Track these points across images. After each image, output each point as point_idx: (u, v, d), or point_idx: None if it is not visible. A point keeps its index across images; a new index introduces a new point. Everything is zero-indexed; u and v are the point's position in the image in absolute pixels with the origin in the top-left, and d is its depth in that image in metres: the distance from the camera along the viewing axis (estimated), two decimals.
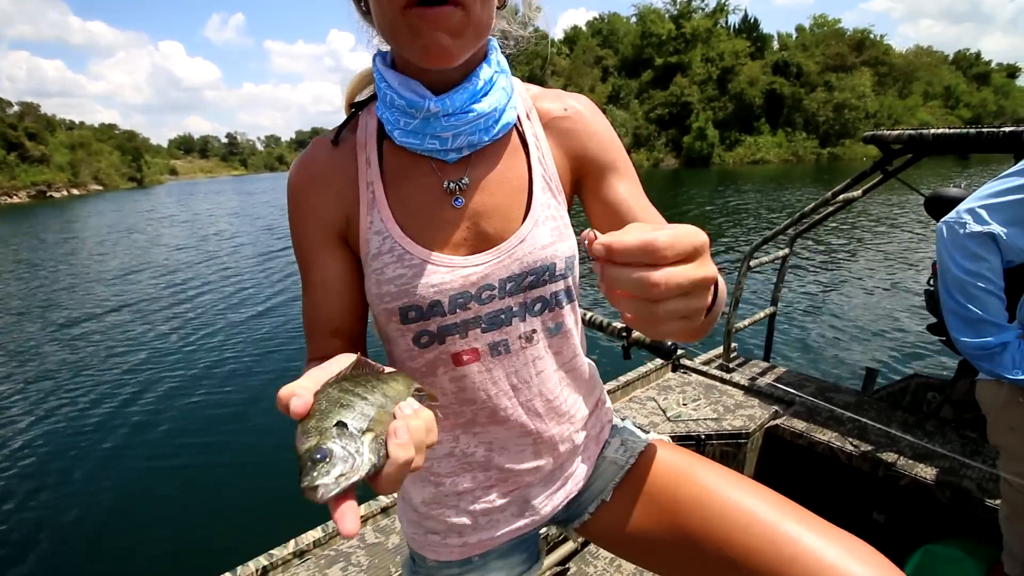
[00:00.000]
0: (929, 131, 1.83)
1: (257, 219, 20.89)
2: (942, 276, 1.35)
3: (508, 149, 0.67)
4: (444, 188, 0.64)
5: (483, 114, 0.61)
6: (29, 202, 45.15)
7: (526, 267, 0.64)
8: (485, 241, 0.64)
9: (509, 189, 0.66)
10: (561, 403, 0.72)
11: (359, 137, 0.67)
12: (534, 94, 0.71)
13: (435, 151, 0.63)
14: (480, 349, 0.65)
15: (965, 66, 51.22)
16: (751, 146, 43.40)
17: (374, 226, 0.63)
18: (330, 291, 0.66)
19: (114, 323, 7.42)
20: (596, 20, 56.36)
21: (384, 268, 0.63)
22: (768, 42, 50.36)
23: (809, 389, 2.17)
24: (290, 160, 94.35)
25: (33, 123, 51.91)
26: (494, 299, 0.64)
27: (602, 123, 0.71)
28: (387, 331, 0.67)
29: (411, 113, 0.60)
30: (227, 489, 3.69)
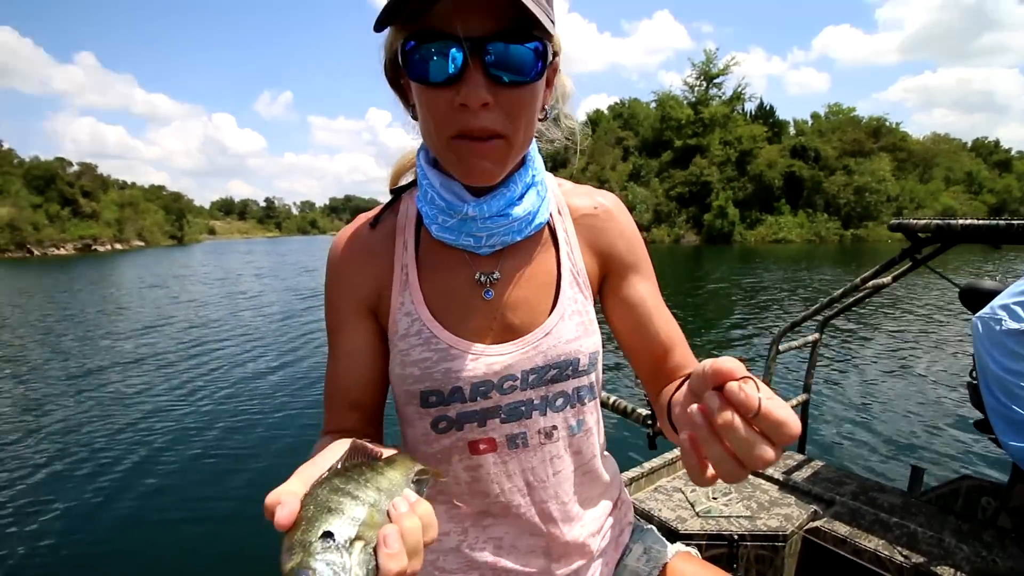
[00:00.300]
0: (958, 221, 1.81)
1: (283, 279, 21.44)
2: (982, 374, 1.29)
3: (540, 245, 0.68)
4: (476, 279, 0.65)
5: (518, 218, 0.63)
6: (75, 254, 47.45)
7: (550, 360, 0.64)
8: (511, 332, 0.65)
9: (538, 283, 0.67)
10: (578, 507, 0.70)
11: (399, 220, 0.69)
12: (566, 190, 0.73)
13: (469, 246, 0.64)
14: (497, 440, 0.64)
15: (984, 153, 51.85)
16: (772, 225, 43.76)
17: (404, 307, 0.65)
18: (355, 362, 0.67)
19: (135, 373, 7.51)
20: (617, 104, 59.42)
21: (410, 349, 0.63)
22: (784, 128, 52.08)
23: (850, 487, 2.04)
24: (322, 224, 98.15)
25: (89, 182, 55.75)
26: (515, 390, 0.64)
27: (628, 223, 0.73)
28: (406, 413, 0.67)
29: (449, 213, 0.62)
30: (227, 549, 3.57)
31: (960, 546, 1.60)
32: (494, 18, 0.50)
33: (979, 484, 2.25)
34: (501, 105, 0.53)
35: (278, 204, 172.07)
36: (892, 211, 42.16)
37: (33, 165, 52.53)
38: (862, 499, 1.91)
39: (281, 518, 0.37)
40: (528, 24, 0.51)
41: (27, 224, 45.99)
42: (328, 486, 0.40)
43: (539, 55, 0.53)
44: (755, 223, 44.21)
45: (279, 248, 58.19)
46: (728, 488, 1.94)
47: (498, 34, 0.51)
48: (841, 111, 51.07)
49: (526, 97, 0.55)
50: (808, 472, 2.22)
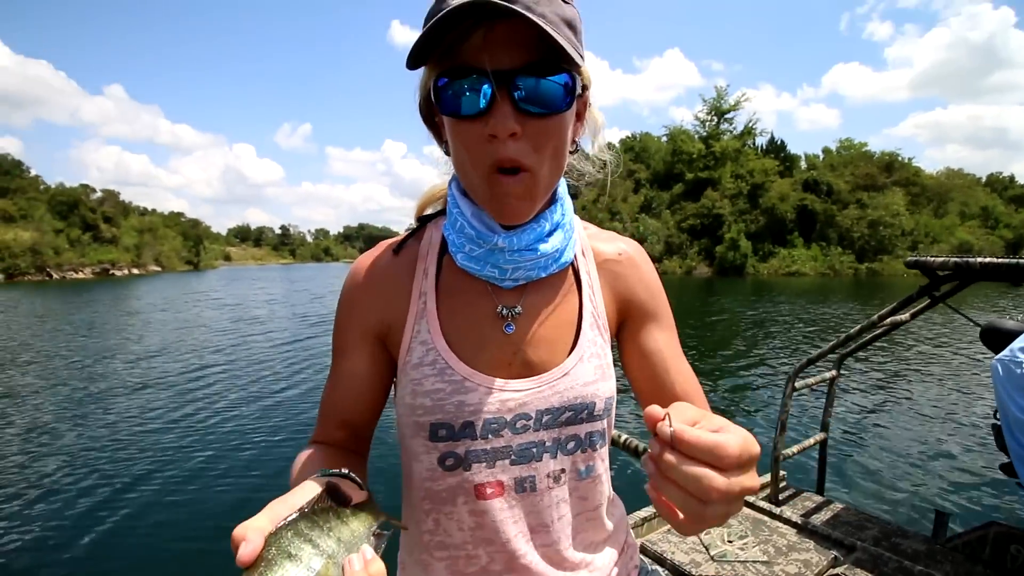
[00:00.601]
0: (976, 260, 1.78)
1: (294, 306, 21.54)
2: (1004, 418, 1.25)
3: (563, 284, 0.68)
4: (497, 312, 0.65)
5: (545, 254, 0.63)
6: (93, 278, 48.35)
7: (566, 402, 0.64)
8: (528, 369, 0.64)
9: (559, 322, 0.66)
10: (582, 553, 0.69)
11: (421, 248, 0.68)
12: (591, 233, 0.74)
13: (493, 278, 0.64)
14: (505, 483, 0.63)
15: (999, 188, 51.51)
16: (786, 258, 43.47)
17: (419, 336, 0.63)
18: (352, 385, 0.67)
19: (143, 396, 7.45)
20: (628, 138, 60.34)
21: (423, 379, 0.62)
22: (796, 162, 52.29)
23: (872, 532, 1.96)
24: (335, 252, 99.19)
25: (111, 208, 57.28)
26: (528, 430, 0.63)
27: (651, 271, 0.73)
28: (412, 446, 0.65)
29: (478, 243, 0.62)
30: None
31: None
32: (522, 52, 0.52)
33: (1008, 531, 2.15)
34: (528, 136, 0.54)
35: (293, 231, 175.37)
36: (907, 245, 41.74)
37: (58, 191, 54.15)
38: (884, 545, 1.84)
39: (243, 555, 0.37)
40: (556, 58, 0.52)
41: (48, 248, 47.10)
42: (292, 529, 0.40)
43: (567, 88, 0.54)
44: (768, 256, 43.94)
45: (291, 274, 58.98)
46: (744, 531, 1.85)
47: (526, 67, 0.52)
48: (852, 146, 51.28)
49: (553, 128, 0.55)
50: (827, 515, 2.15)
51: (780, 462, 2.38)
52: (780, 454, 2.38)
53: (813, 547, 1.77)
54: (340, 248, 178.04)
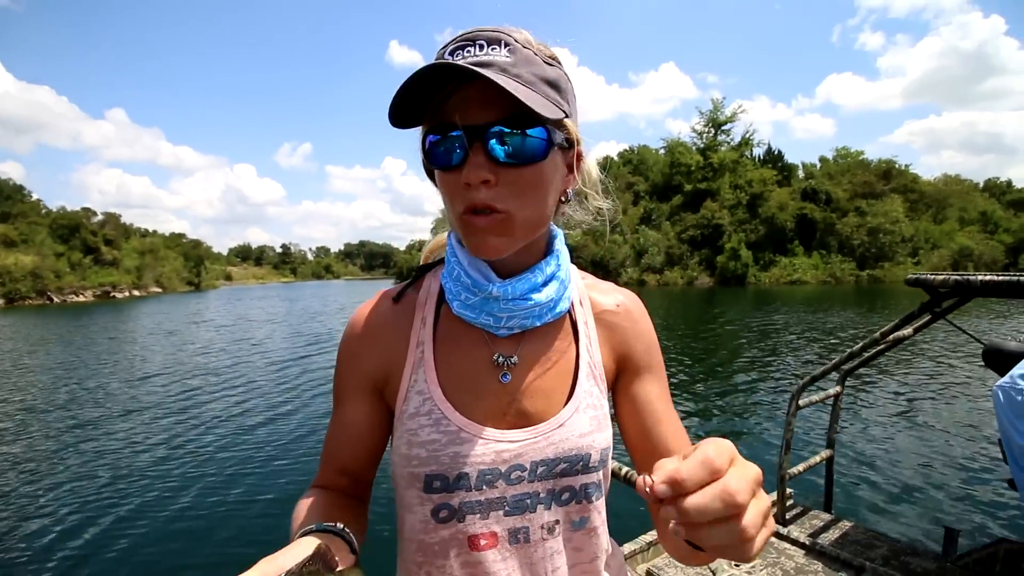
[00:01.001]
0: (977, 277, 1.79)
1: (291, 326, 21.46)
2: (1007, 444, 1.25)
3: (560, 333, 0.69)
4: (493, 361, 0.65)
5: (540, 304, 0.64)
6: (93, 301, 48.33)
7: (561, 453, 0.64)
8: (524, 419, 0.65)
9: (556, 372, 0.67)
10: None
11: (420, 296, 0.70)
12: (588, 283, 0.75)
13: (488, 326, 0.65)
14: (499, 534, 0.63)
15: (997, 193, 51.59)
16: (787, 267, 43.42)
17: (416, 385, 0.64)
18: (352, 433, 0.68)
19: (140, 419, 7.33)
20: (627, 151, 60.74)
21: (419, 429, 0.63)
22: (793, 171, 52.50)
23: (881, 551, 1.94)
24: (336, 269, 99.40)
25: (112, 230, 57.48)
26: (522, 481, 0.63)
27: (647, 325, 0.74)
28: (406, 497, 0.65)
29: (473, 291, 0.63)
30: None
31: None
32: (495, 109, 0.56)
33: (1019, 548, 2.17)
34: (504, 184, 0.57)
35: (294, 250, 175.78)
36: (907, 251, 41.69)
37: (59, 215, 54.34)
38: (894, 564, 1.82)
39: None
40: (528, 114, 0.56)
41: (49, 272, 47.15)
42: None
43: (539, 140, 0.57)
44: (769, 264, 43.90)
45: (292, 293, 59.03)
46: None
47: (498, 122, 0.56)
48: (849, 154, 51.55)
49: (528, 176, 0.58)
50: (836, 534, 2.13)
51: (786, 481, 2.35)
52: (786, 473, 2.36)
53: (822, 569, 1.77)
54: (341, 265, 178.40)
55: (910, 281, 2.04)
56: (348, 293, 56.07)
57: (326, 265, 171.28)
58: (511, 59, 0.56)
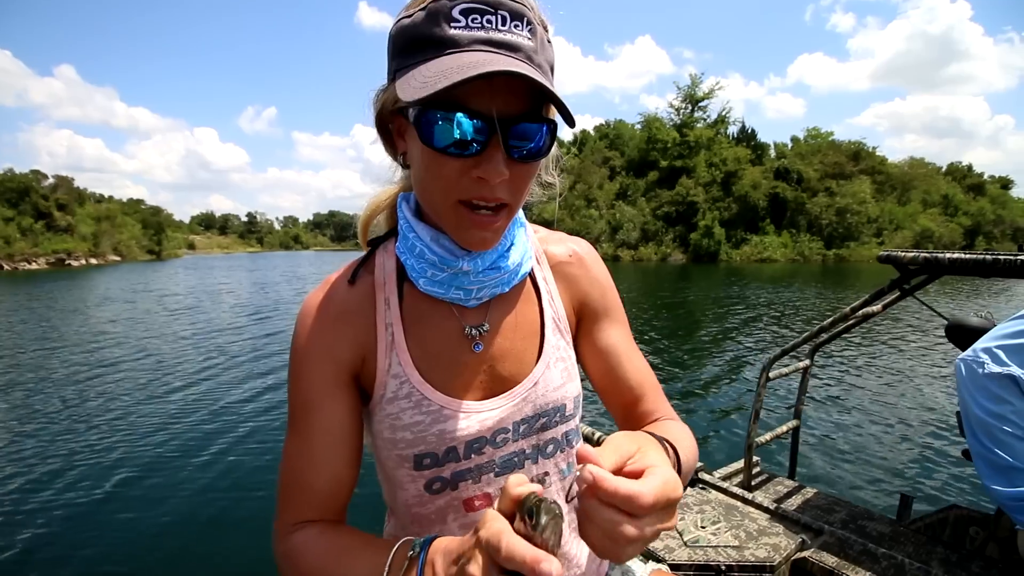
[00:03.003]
0: (945, 255, 1.86)
1: (256, 295, 20.85)
2: (965, 416, 1.31)
3: (523, 294, 0.69)
4: (465, 333, 0.65)
5: (508, 270, 0.64)
6: (47, 269, 46.00)
7: (539, 409, 0.66)
8: (500, 384, 0.65)
9: (524, 333, 0.68)
10: (568, 548, 0.71)
11: (377, 277, 0.66)
12: (541, 237, 0.75)
13: (458, 300, 0.64)
14: (492, 494, 0.65)
15: (959, 177, 53.55)
16: (757, 245, 44.35)
17: (392, 369, 0.62)
18: (332, 440, 0.61)
19: (98, 389, 7.02)
20: (603, 126, 60.31)
21: (400, 413, 0.61)
22: (766, 150, 53.18)
23: (839, 515, 2.06)
24: (305, 240, 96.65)
25: (65, 195, 54.33)
26: (508, 442, 0.65)
27: (601, 270, 0.75)
28: (396, 476, 0.65)
29: (441, 268, 0.61)
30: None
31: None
32: (519, 100, 0.52)
33: (967, 514, 2.27)
34: (513, 179, 0.55)
35: (260, 219, 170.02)
36: (872, 232, 43.11)
37: (6, 177, 50.88)
38: (851, 527, 1.93)
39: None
40: (542, 105, 0.54)
41: None
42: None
43: (551, 134, 0.56)
44: (740, 242, 44.78)
45: (258, 263, 57.15)
46: (717, 517, 1.93)
47: (522, 115, 0.53)
48: (820, 135, 52.42)
49: (533, 170, 0.57)
50: (798, 500, 2.23)
51: (753, 449, 2.45)
52: (753, 442, 2.45)
53: (782, 531, 1.84)
54: (310, 236, 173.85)
55: (881, 258, 2.08)
56: (320, 263, 54.76)
57: (294, 235, 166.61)
58: (533, 43, 0.52)
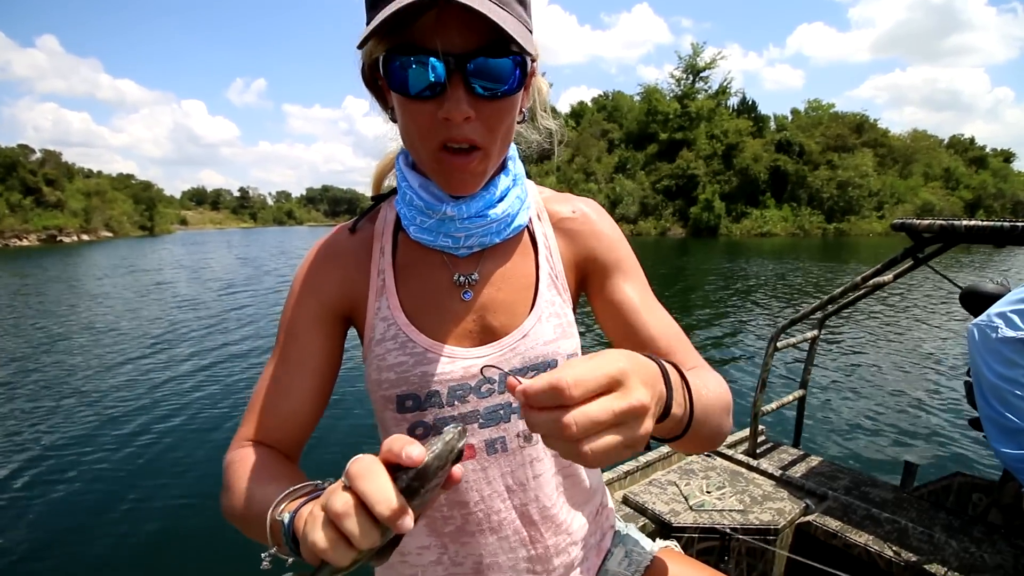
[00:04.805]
0: (962, 222, 1.84)
1: (253, 270, 20.60)
2: (976, 380, 1.32)
3: (518, 248, 0.70)
4: (454, 281, 0.66)
5: (496, 219, 0.64)
6: (39, 245, 45.33)
7: (527, 362, 0.65)
8: (490, 334, 0.66)
9: (517, 285, 0.68)
10: (558, 512, 0.69)
11: (377, 227, 0.70)
12: (546, 197, 0.74)
13: (447, 247, 0.65)
14: (476, 445, 0.65)
15: (961, 150, 53.12)
16: (758, 219, 44.09)
17: (380, 312, 0.65)
18: (303, 368, 0.65)
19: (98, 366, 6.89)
20: (601, 97, 59.20)
21: (386, 354, 0.64)
22: (766, 122, 52.45)
23: (843, 482, 2.08)
24: (299, 215, 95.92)
25: (53, 169, 53.13)
26: (493, 393, 0.65)
27: (609, 225, 0.74)
28: (383, 420, 0.67)
29: (428, 213, 0.63)
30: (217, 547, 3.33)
31: (950, 541, 1.64)
32: (475, 35, 0.51)
33: (971, 481, 2.29)
34: (482, 118, 0.54)
35: (252, 194, 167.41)
36: (873, 206, 42.88)
37: None
38: (854, 494, 1.94)
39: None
40: (507, 40, 0.52)
41: None
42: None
43: (517, 66, 0.54)
44: (740, 216, 44.50)
45: (252, 238, 56.58)
46: (723, 483, 1.95)
47: (479, 50, 0.52)
48: (820, 107, 51.68)
49: (505, 109, 0.56)
50: (802, 467, 2.25)
51: (759, 418, 2.45)
52: (759, 410, 2.45)
53: (787, 496, 1.88)
54: (304, 211, 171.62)
55: (896, 226, 2.06)
56: (316, 239, 54.06)
57: (288, 211, 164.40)
58: None
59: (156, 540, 3.47)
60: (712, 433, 0.55)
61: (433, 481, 0.37)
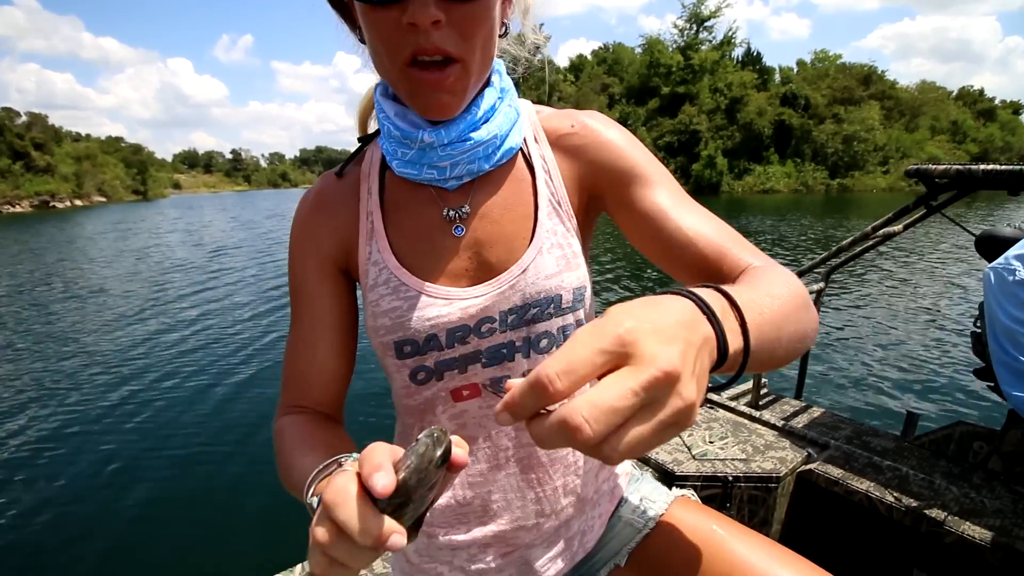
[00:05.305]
0: (979, 167, 1.81)
1: (255, 233, 20.42)
2: (990, 324, 1.30)
3: (512, 174, 0.63)
4: (444, 216, 0.61)
5: (481, 142, 0.58)
6: (32, 211, 44.79)
7: (528, 299, 0.60)
8: (487, 271, 0.61)
9: (513, 216, 0.62)
10: (567, 452, 0.66)
11: (363, 168, 0.66)
12: (543, 116, 0.67)
13: (434, 180, 0.60)
14: (480, 384, 0.62)
15: (969, 102, 51.89)
16: (761, 175, 43.48)
17: (372, 257, 0.62)
18: (321, 327, 0.63)
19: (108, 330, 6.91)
20: (601, 49, 57.26)
21: (380, 300, 0.60)
22: (771, 75, 50.98)
23: (845, 432, 2.09)
24: (293, 177, 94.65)
25: (40, 133, 51.93)
26: (495, 332, 0.60)
27: (617, 133, 0.65)
28: (386, 367, 0.65)
29: (407, 144, 0.58)
30: (233, 510, 3.46)
31: (950, 487, 1.67)
32: None
33: (973, 430, 2.30)
34: (453, 24, 0.49)
35: (245, 156, 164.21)
36: (878, 160, 42.26)
37: None
38: (856, 443, 1.97)
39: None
40: None
41: None
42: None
43: None
44: (743, 173, 43.88)
45: (248, 201, 55.87)
46: (725, 433, 1.97)
47: None
48: (827, 58, 50.09)
49: (480, 13, 0.50)
50: (805, 418, 2.25)
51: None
52: None
53: (789, 446, 1.89)
54: (298, 173, 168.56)
55: (910, 172, 2.03)
56: None
57: (282, 173, 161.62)
58: None
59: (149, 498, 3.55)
60: (792, 343, 0.45)
61: (420, 491, 0.34)
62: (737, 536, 0.63)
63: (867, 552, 1.72)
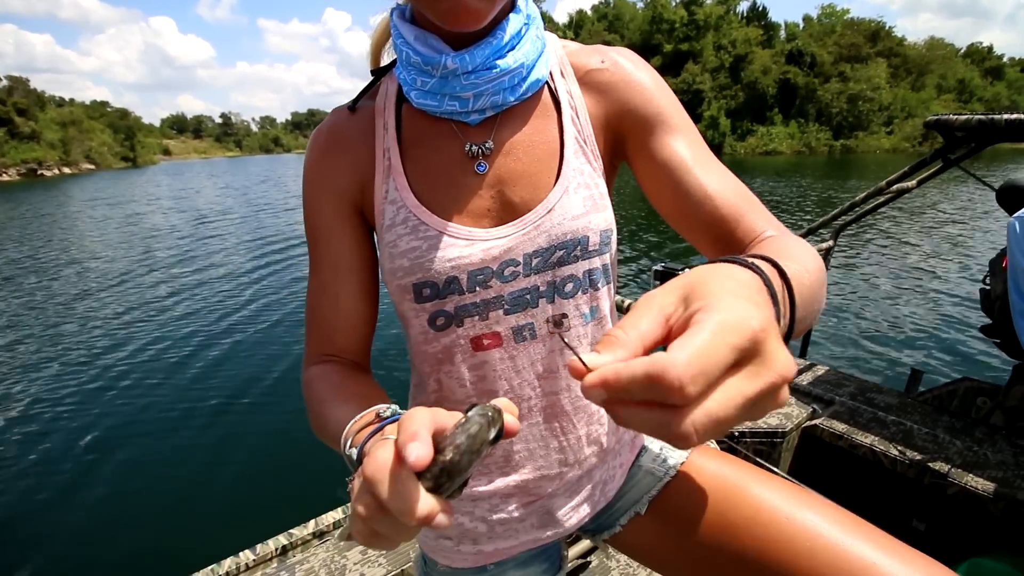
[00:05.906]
0: (1002, 117, 1.78)
1: (253, 201, 20.07)
2: (1012, 275, 1.29)
3: (538, 109, 0.60)
4: (466, 152, 0.58)
5: (508, 70, 0.55)
6: (19, 180, 43.91)
7: (555, 240, 0.57)
8: (510, 212, 0.58)
9: (538, 153, 0.59)
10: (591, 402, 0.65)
11: (378, 103, 0.62)
12: (571, 50, 0.63)
13: (455, 113, 0.57)
14: (503, 334, 0.58)
15: (978, 59, 50.59)
16: (763, 136, 42.75)
17: (389, 195, 0.59)
18: (340, 271, 0.61)
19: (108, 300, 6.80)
20: (602, 5, 55.34)
21: (397, 240, 0.57)
22: (776, 31, 49.46)
23: (849, 389, 2.11)
24: (286, 142, 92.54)
25: (23, 98, 50.37)
26: (518, 276, 0.57)
27: (648, 74, 0.61)
28: (403, 312, 0.61)
29: (427, 71, 0.55)
30: (246, 468, 3.52)
31: (953, 441, 1.69)
32: None
33: (977, 385, 2.31)
34: None
35: (235, 120, 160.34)
36: (883, 120, 41.47)
37: None
38: (860, 399, 1.98)
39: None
40: None
41: None
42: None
43: None
44: (746, 134, 43.13)
45: (242, 167, 54.70)
46: None
47: None
48: (835, 12, 48.48)
49: None
50: (810, 376, 2.26)
51: None
52: None
53: (794, 402, 1.90)
54: (291, 137, 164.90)
55: (929, 123, 1.99)
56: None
57: (274, 137, 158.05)
58: None
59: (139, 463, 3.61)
60: (814, 316, 0.44)
61: (468, 470, 0.33)
62: (760, 480, 0.62)
63: (867, 504, 1.71)
